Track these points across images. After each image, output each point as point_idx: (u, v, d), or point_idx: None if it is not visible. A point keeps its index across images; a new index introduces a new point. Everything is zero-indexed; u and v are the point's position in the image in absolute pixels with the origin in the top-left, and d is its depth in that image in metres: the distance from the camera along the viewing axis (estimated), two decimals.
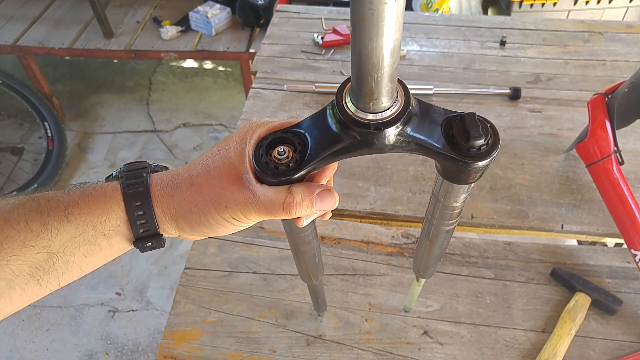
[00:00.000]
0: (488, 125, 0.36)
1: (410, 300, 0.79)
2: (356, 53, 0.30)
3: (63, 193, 0.37)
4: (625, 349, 0.79)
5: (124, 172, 0.39)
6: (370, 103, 0.33)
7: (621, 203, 0.84)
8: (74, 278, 0.38)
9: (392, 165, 1.05)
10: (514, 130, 1.12)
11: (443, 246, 0.53)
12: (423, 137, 0.36)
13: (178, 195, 0.38)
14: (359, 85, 0.32)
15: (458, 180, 0.39)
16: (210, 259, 0.91)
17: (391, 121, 0.34)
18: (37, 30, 2.32)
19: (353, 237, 0.94)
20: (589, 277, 0.87)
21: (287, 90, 1.24)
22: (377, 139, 0.35)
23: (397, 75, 0.32)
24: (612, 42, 1.38)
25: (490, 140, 0.35)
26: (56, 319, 1.84)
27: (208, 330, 0.82)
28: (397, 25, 0.28)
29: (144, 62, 2.94)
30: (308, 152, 0.37)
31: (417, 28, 1.45)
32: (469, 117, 0.35)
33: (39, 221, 0.35)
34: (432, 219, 0.48)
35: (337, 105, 0.35)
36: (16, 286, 0.34)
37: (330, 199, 0.38)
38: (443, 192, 0.43)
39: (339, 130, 0.35)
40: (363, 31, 0.28)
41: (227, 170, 0.37)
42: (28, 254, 0.34)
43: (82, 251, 0.36)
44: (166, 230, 0.39)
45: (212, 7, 2.22)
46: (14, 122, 2.59)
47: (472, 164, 0.35)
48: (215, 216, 0.37)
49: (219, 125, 2.57)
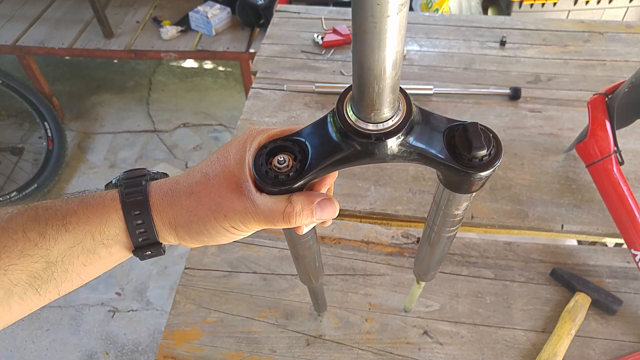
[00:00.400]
0: (490, 135, 0.35)
1: (410, 301, 0.79)
2: (357, 64, 0.30)
3: (62, 202, 0.37)
4: (625, 349, 0.79)
5: (122, 180, 0.39)
6: (371, 113, 0.33)
7: (621, 203, 0.84)
8: (73, 287, 0.38)
9: (392, 165, 1.05)
10: (514, 130, 1.12)
11: (444, 251, 0.53)
12: (425, 147, 0.35)
13: (177, 205, 0.38)
14: (360, 96, 0.32)
15: (460, 190, 0.39)
16: (210, 259, 0.91)
17: (393, 131, 0.34)
18: (37, 30, 2.32)
19: (353, 237, 0.94)
20: (589, 277, 0.87)
21: (287, 90, 1.24)
22: (378, 149, 0.34)
23: (398, 86, 0.32)
24: (612, 42, 1.38)
25: (493, 151, 0.35)
26: (56, 319, 1.84)
27: (208, 330, 0.82)
28: (399, 37, 0.28)
29: (144, 62, 2.94)
30: (308, 161, 0.36)
31: (417, 28, 1.45)
32: (471, 127, 0.35)
33: (36, 230, 0.35)
34: (434, 225, 0.48)
35: (338, 114, 0.35)
36: (15, 295, 0.34)
37: (331, 208, 0.38)
38: (444, 200, 0.42)
39: (340, 139, 0.35)
40: (365, 44, 0.28)
41: (227, 179, 0.37)
42: (26, 263, 0.34)
43: (81, 260, 0.36)
44: (165, 239, 0.39)
45: (212, 7, 2.22)
46: (14, 122, 2.59)
47: (475, 174, 0.35)
48: (215, 225, 0.37)
49: (219, 125, 2.57)
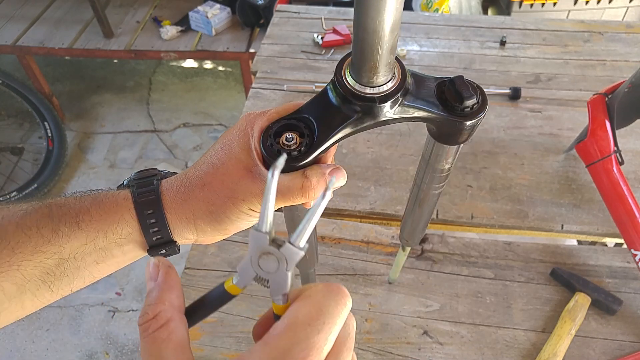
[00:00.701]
0: (475, 85, 0.39)
1: (395, 271, 0.80)
2: (362, 28, 0.31)
3: (75, 199, 0.37)
4: (625, 349, 0.79)
5: (134, 181, 0.39)
6: (373, 77, 0.35)
7: (621, 203, 0.84)
8: (85, 284, 0.38)
9: (392, 165, 1.05)
10: (514, 130, 1.13)
11: (431, 210, 0.56)
12: (421, 105, 0.38)
13: (192, 199, 0.38)
14: (363, 60, 0.34)
15: (450, 141, 0.42)
16: (210, 259, 0.91)
17: (393, 92, 0.36)
18: (37, 30, 2.32)
19: (353, 237, 0.94)
20: (589, 277, 0.87)
21: (287, 90, 1.24)
22: (380, 111, 0.37)
23: (396, 47, 0.34)
24: (612, 42, 1.38)
25: (480, 99, 0.38)
26: (56, 319, 1.84)
27: (208, 330, 0.82)
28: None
29: (144, 62, 2.95)
30: (316, 134, 0.37)
31: (417, 28, 1.45)
32: (458, 80, 0.38)
33: (50, 227, 0.35)
34: (422, 183, 0.50)
35: (339, 82, 0.37)
36: (27, 291, 0.35)
37: (342, 176, 0.39)
38: (434, 155, 0.45)
39: (344, 107, 0.37)
40: (371, 6, 0.30)
41: (235, 165, 0.37)
42: (39, 260, 0.34)
43: (94, 258, 0.37)
44: (182, 236, 0.39)
45: (212, 7, 2.22)
46: (14, 122, 2.59)
47: (467, 122, 0.38)
48: (235, 210, 0.37)
49: (219, 125, 2.57)
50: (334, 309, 0.28)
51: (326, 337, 0.27)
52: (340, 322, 0.28)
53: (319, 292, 0.29)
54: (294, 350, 0.26)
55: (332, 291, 0.29)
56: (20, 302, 0.35)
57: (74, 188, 2.30)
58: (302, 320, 0.27)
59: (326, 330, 0.27)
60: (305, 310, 0.28)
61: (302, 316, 0.27)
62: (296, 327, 0.27)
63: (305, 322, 0.27)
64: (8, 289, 0.34)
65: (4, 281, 0.34)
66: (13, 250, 0.34)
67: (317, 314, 0.27)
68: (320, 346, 0.27)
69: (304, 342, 0.26)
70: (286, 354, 0.26)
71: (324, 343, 0.27)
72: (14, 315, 0.36)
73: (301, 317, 0.27)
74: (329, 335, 0.27)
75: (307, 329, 0.27)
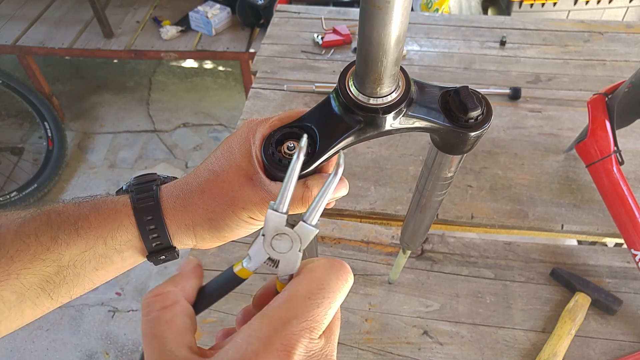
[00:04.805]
0: (480, 96, 0.38)
1: (395, 272, 0.80)
2: (366, 40, 0.31)
3: (74, 206, 0.37)
4: (625, 349, 0.79)
5: (133, 186, 0.38)
6: (377, 88, 0.34)
7: (621, 203, 0.84)
8: (85, 290, 0.38)
9: (392, 165, 1.05)
10: (514, 130, 1.13)
11: (432, 216, 0.56)
12: (425, 115, 0.38)
13: (191, 205, 0.38)
14: (367, 71, 0.33)
15: (455, 151, 0.42)
16: (210, 259, 0.91)
17: (396, 103, 0.36)
18: (37, 30, 2.32)
19: (353, 237, 0.94)
20: (589, 277, 0.87)
21: (287, 90, 1.24)
22: (384, 122, 0.36)
23: (401, 59, 0.34)
24: (612, 42, 1.38)
25: (485, 110, 0.38)
26: (56, 319, 1.84)
27: (208, 330, 0.82)
28: (407, 11, 0.30)
29: (144, 62, 2.95)
30: (318, 144, 0.37)
31: (417, 28, 1.45)
32: (463, 91, 0.37)
33: (49, 235, 0.35)
34: (424, 190, 0.50)
35: (342, 93, 0.36)
36: (27, 299, 0.34)
37: (343, 186, 0.39)
38: (437, 164, 0.45)
39: (347, 117, 0.37)
40: (377, 19, 0.29)
41: (236, 173, 0.37)
42: (38, 268, 0.34)
43: (93, 264, 0.36)
44: (182, 242, 0.39)
45: (212, 7, 2.22)
46: (14, 122, 2.59)
47: (472, 133, 0.38)
48: (234, 218, 0.37)
49: (219, 125, 2.57)
50: (335, 284, 0.28)
51: (326, 311, 0.27)
52: (340, 297, 0.28)
53: (321, 266, 0.29)
54: (293, 323, 0.26)
55: (333, 266, 0.29)
56: (19, 310, 0.35)
57: (74, 188, 2.30)
58: (302, 294, 0.27)
59: (326, 304, 0.27)
60: (306, 284, 0.28)
61: (303, 290, 0.28)
62: (296, 300, 0.27)
63: (305, 295, 0.27)
64: (7, 297, 0.33)
65: (3, 290, 0.33)
66: (12, 258, 0.33)
67: (318, 288, 0.28)
68: (319, 319, 0.27)
69: (302, 315, 0.26)
70: (285, 325, 0.26)
71: (323, 317, 0.27)
72: (14, 325, 0.36)
73: (302, 290, 0.28)
74: (329, 310, 0.27)
75: (306, 302, 0.27)
